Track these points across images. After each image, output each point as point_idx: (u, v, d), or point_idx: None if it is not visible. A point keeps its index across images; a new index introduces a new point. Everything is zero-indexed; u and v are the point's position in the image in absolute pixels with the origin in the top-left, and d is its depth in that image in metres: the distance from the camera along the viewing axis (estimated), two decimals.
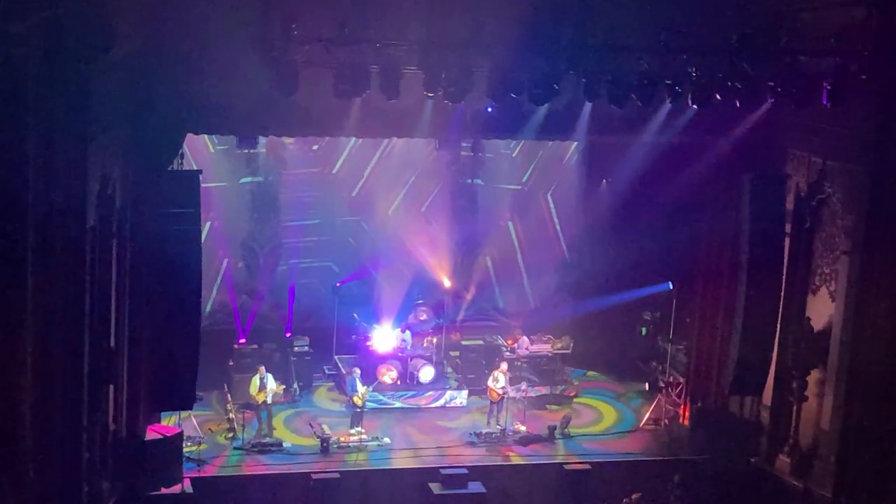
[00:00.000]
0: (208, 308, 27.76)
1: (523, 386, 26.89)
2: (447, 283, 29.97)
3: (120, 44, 18.74)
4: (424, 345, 28.80)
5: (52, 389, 18.56)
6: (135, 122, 21.04)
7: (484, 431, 26.08)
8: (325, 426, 25.66)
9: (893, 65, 21.70)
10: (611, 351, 30.57)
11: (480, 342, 29.63)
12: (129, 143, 21.06)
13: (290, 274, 29.66)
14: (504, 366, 26.85)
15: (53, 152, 17.91)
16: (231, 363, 27.16)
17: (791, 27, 22.26)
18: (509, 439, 25.87)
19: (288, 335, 28.37)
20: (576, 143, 28.72)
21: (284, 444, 25.03)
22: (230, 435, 25.22)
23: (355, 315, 29.09)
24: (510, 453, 25.47)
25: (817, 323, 24.29)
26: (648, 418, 27.30)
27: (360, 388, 25.68)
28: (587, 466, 24.77)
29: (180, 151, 22.48)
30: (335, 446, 24.95)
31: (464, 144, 29.50)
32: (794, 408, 24.74)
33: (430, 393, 27.71)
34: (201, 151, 27.33)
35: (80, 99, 18.19)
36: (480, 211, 31.13)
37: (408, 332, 28.67)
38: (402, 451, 25.30)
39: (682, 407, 27.21)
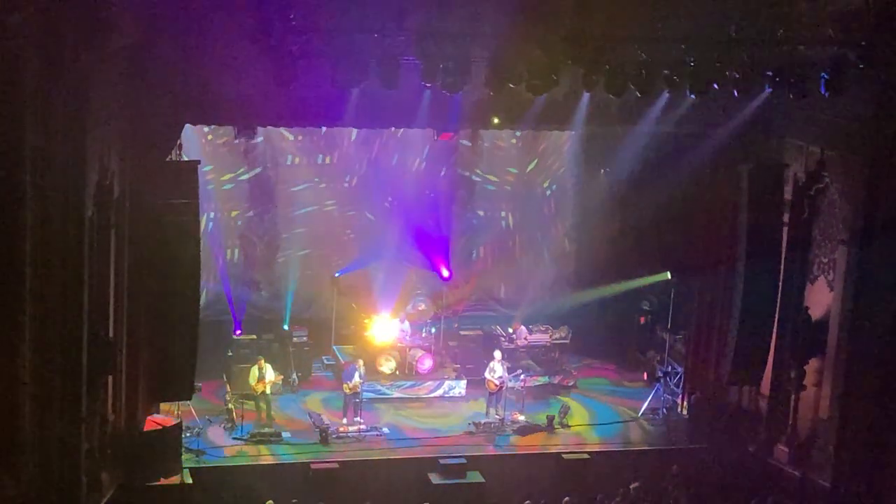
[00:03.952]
0: (206, 299, 27.72)
1: (521, 375, 26.92)
2: (445, 274, 29.96)
3: (117, 35, 18.74)
4: (423, 335, 28.81)
5: (51, 380, 18.59)
6: (133, 112, 21.03)
7: (483, 421, 26.11)
8: (323, 416, 25.70)
9: (891, 54, 21.70)
10: (609, 341, 30.60)
11: (479, 332, 29.63)
12: (126, 134, 21.06)
13: (288, 265, 29.66)
14: (498, 355, 26.85)
15: (51, 143, 17.94)
16: (230, 354, 27.17)
17: (789, 16, 22.25)
18: (508, 429, 25.90)
19: (285, 327, 28.40)
20: (574, 132, 28.67)
21: (283, 435, 25.04)
22: (229, 425, 25.23)
23: (354, 305, 29.10)
24: (509, 443, 25.49)
25: (815, 312, 24.32)
26: (647, 408, 27.33)
27: (355, 380, 25.66)
28: (586, 456, 24.83)
29: (178, 142, 22.46)
30: (334, 436, 24.99)
31: (462, 135, 29.49)
32: (793, 397, 24.78)
33: (429, 383, 27.72)
34: (199, 142, 27.31)
35: (78, 90, 18.20)
36: (478, 201, 31.14)
37: (406, 322, 28.67)
38: (401, 442, 25.33)
39: (680, 397, 27.24)
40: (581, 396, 28.31)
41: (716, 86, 21.89)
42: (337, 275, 29.01)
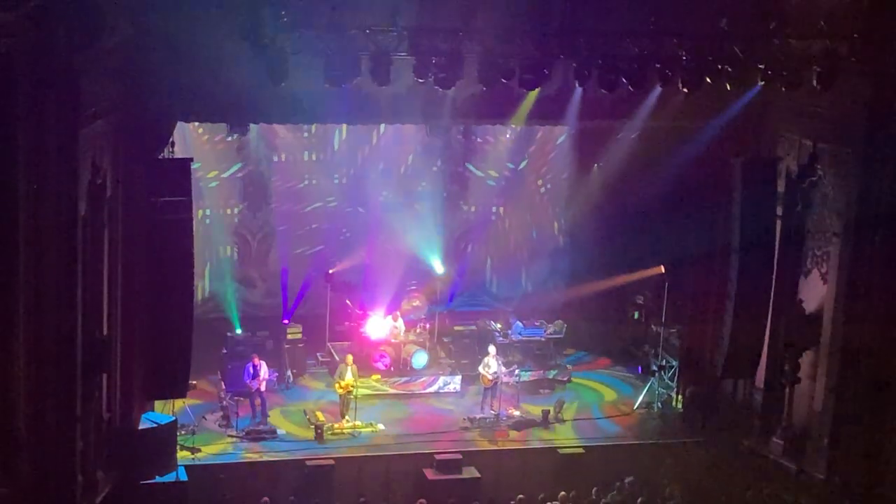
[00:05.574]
0: (201, 296, 27.74)
1: (516, 370, 26.92)
2: (439, 269, 29.97)
3: (109, 33, 18.72)
4: (417, 331, 28.80)
5: (46, 379, 18.59)
6: (125, 110, 21.00)
7: (478, 416, 26.12)
8: (318, 413, 25.70)
9: (883, 47, 21.73)
10: (603, 335, 30.63)
11: (473, 327, 29.65)
12: (119, 132, 21.03)
13: (282, 261, 29.65)
14: (493, 350, 26.86)
15: (44, 142, 17.93)
16: (224, 351, 27.15)
17: (781, 10, 22.28)
18: (503, 424, 25.91)
19: (285, 322, 28.39)
20: (567, 127, 28.70)
21: (278, 432, 25.04)
22: (224, 423, 25.22)
23: (348, 302, 29.10)
24: (504, 438, 25.51)
25: (809, 305, 24.36)
26: (641, 402, 27.37)
27: (347, 379, 25.62)
28: (581, 450, 24.85)
29: (171, 139, 22.44)
30: (329, 433, 24.99)
31: (455, 130, 29.50)
32: (787, 390, 24.80)
33: (424, 379, 27.70)
34: (192, 139, 27.29)
35: (70, 88, 18.17)
36: (472, 196, 31.15)
37: (400, 318, 28.64)
38: (396, 438, 25.33)
39: (675, 390, 27.28)
40: (576, 391, 28.34)
41: (708, 80, 21.92)
42: (331, 271, 28.99)
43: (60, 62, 17.83)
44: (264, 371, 25.52)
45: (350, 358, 26.02)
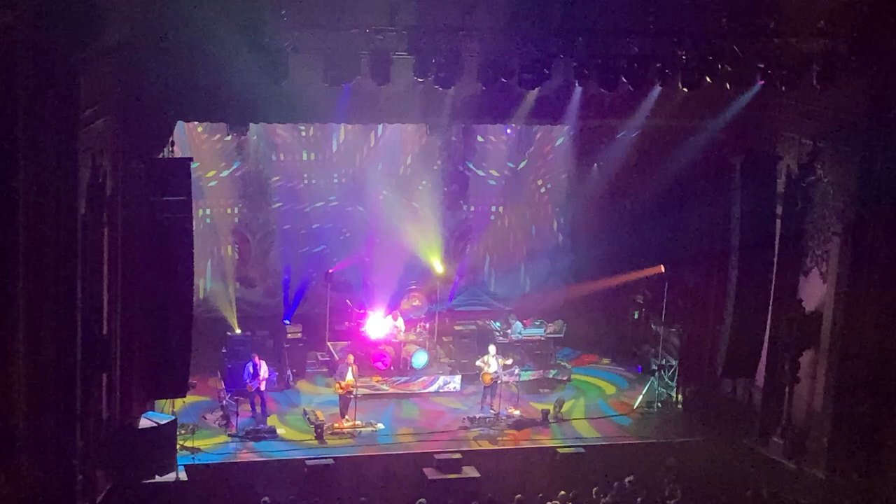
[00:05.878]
0: (201, 296, 27.74)
1: (516, 370, 26.92)
2: (439, 269, 29.95)
3: (109, 32, 18.73)
4: (417, 330, 28.80)
5: (46, 379, 18.58)
6: (125, 110, 21.00)
7: (477, 416, 26.11)
8: (318, 412, 25.69)
9: (883, 46, 21.73)
10: (603, 335, 30.63)
11: (473, 327, 29.65)
12: (119, 132, 21.04)
13: (282, 260, 29.65)
14: (493, 349, 26.84)
15: (43, 142, 17.92)
16: (224, 351, 27.15)
17: (780, 9, 22.26)
18: (503, 424, 25.91)
19: (285, 322, 28.40)
20: (567, 127, 28.70)
21: (278, 431, 25.03)
22: (224, 422, 25.21)
23: (348, 301, 29.10)
24: (504, 438, 25.51)
25: (809, 304, 24.36)
26: (641, 402, 27.37)
27: (347, 379, 25.59)
28: (580, 450, 24.83)
29: (170, 139, 22.44)
30: (329, 433, 24.98)
31: (455, 130, 29.49)
32: (787, 389, 24.82)
33: (423, 378, 27.69)
34: (192, 139, 27.29)
35: (70, 88, 18.17)
36: (472, 196, 31.14)
37: (400, 317, 28.64)
38: (396, 437, 25.33)
39: (675, 390, 27.28)
40: (575, 390, 28.33)
41: (708, 79, 21.92)
42: (331, 271, 28.98)
43: (60, 62, 17.83)
44: (264, 370, 25.51)
45: (351, 358, 26.02)
